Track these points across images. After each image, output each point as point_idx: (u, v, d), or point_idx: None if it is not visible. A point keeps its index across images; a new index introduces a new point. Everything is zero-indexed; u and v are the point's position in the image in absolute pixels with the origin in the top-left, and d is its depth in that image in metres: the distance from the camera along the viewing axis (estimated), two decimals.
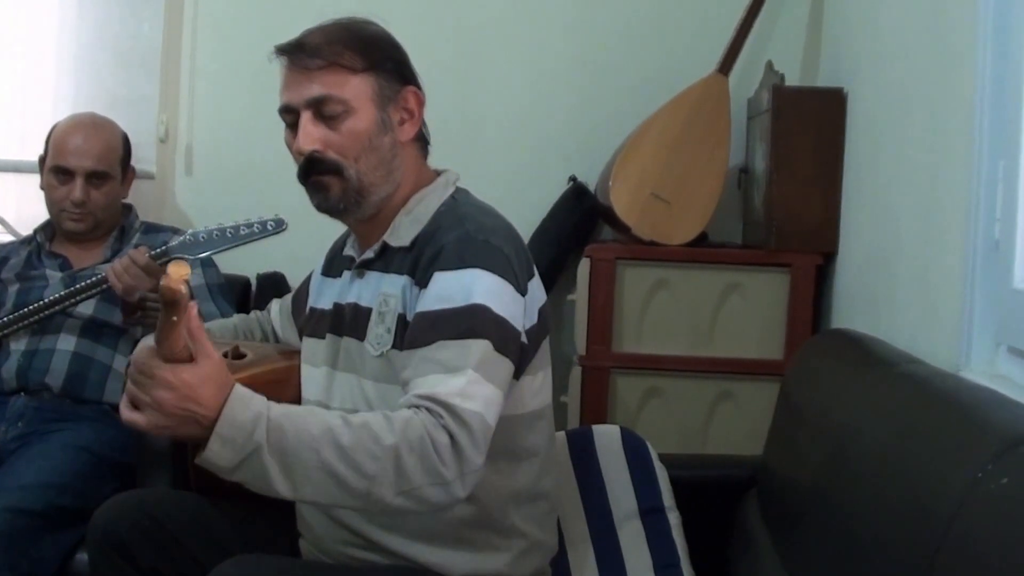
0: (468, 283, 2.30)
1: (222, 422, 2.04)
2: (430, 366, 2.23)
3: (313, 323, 2.69)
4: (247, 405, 2.07)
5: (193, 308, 2.01)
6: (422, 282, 2.36)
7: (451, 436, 2.13)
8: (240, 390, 2.10)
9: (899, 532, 1.83)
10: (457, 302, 2.29)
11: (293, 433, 2.07)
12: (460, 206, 2.52)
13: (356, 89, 2.43)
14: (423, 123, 2.58)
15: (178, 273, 1.91)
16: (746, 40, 4.03)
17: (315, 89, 2.41)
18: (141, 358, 2.03)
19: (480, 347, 2.25)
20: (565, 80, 4.37)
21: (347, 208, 2.48)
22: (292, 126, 2.47)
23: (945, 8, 2.80)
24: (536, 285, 2.50)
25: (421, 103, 2.54)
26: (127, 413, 2.07)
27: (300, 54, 2.44)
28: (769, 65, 3.98)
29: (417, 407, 2.16)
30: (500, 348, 2.29)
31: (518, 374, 2.41)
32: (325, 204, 2.48)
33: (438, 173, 2.62)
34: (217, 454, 2.05)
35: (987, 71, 2.45)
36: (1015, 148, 2.33)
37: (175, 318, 1.95)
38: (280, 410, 2.11)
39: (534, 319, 2.46)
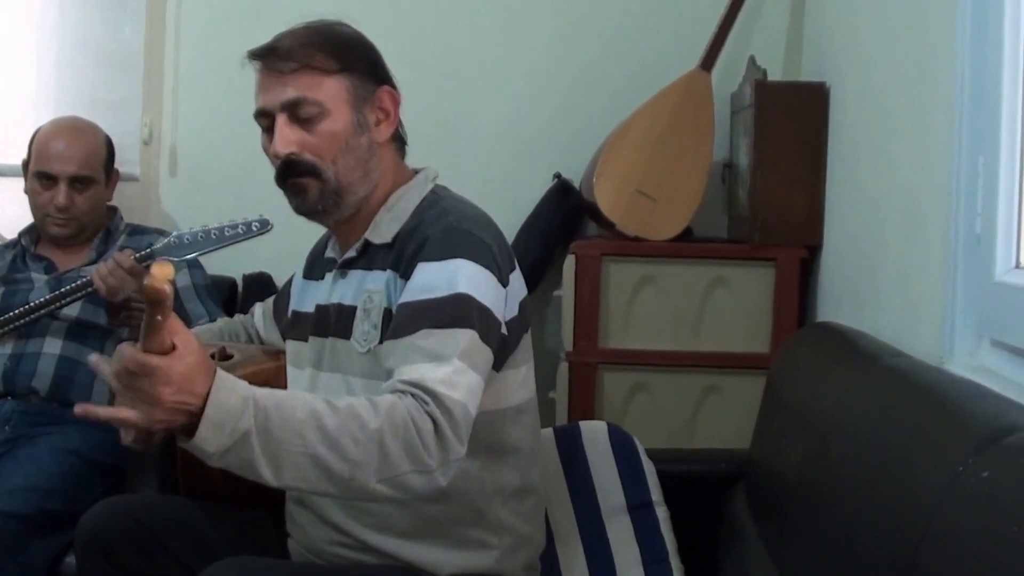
0: (452, 272, 2.31)
1: (211, 406, 1.97)
2: (415, 354, 2.23)
3: (296, 326, 2.70)
4: (233, 389, 2.02)
5: None
6: (406, 274, 2.37)
7: (435, 423, 2.13)
8: (224, 375, 2.03)
9: (882, 524, 1.84)
10: (442, 291, 2.29)
11: (278, 417, 2.03)
12: (441, 200, 2.53)
13: (330, 91, 2.44)
14: (399, 123, 2.58)
15: (162, 273, 1.90)
16: (728, 35, 4.04)
17: (289, 92, 2.42)
18: (132, 359, 1.95)
19: (466, 337, 2.26)
20: (549, 77, 4.38)
21: (325, 209, 2.49)
22: (268, 130, 2.48)
23: (925, 3, 2.81)
24: (517, 278, 2.51)
25: (396, 103, 2.55)
26: (115, 412, 1.96)
27: (273, 58, 2.45)
28: (752, 60, 3.99)
29: (402, 392, 2.16)
30: (484, 338, 2.30)
31: (499, 367, 2.42)
32: (304, 206, 2.49)
33: (416, 171, 2.63)
34: (206, 440, 1.98)
35: (966, 66, 2.46)
36: (995, 143, 2.34)
37: (159, 317, 1.94)
38: (265, 393, 2.06)
39: (515, 312, 2.47)
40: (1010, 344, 2.30)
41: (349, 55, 2.49)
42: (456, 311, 2.28)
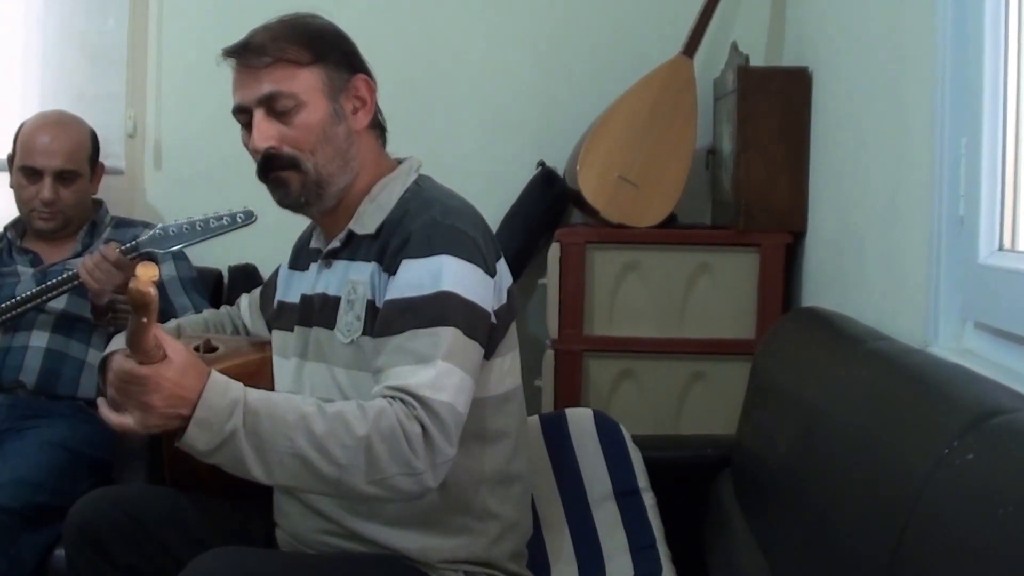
0: (436, 270, 2.33)
1: (201, 406, 2.10)
2: (401, 356, 2.27)
3: (282, 317, 2.70)
4: (225, 391, 2.14)
5: None
6: (390, 269, 2.38)
7: (423, 427, 2.17)
8: (217, 376, 2.15)
9: (868, 508, 1.84)
10: (426, 289, 2.31)
11: (268, 419, 2.13)
12: (424, 191, 2.53)
13: (305, 82, 2.46)
14: (378, 110, 2.59)
15: (146, 275, 1.93)
16: (710, 21, 4.04)
17: (264, 87, 2.44)
18: (122, 369, 2.09)
19: (449, 335, 2.28)
20: (532, 65, 4.37)
21: (308, 201, 2.50)
22: (247, 125, 2.49)
23: None
24: (502, 266, 2.52)
25: (372, 90, 2.56)
26: (117, 418, 2.14)
27: (246, 54, 2.46)
28: (734, 46, 3.98)
29: (391, 398, 2.20)
30: (469, 333, 2.32)
31: (488, 355, 2.43)
32: (287, 199, 2.51)
33: (399, 161, 2.64)
34: (195, 437, 2.11)
35: (947, 47, 2.46)
36: (976, 124, 2.34)
37: (145, 319, 1.98)
38: (257, 396, 2.17)
39: (503, 299, 2.48)
40: (994, 326, 2.30)
41: (322, 46, 2.50)
42: (440, 309, 2.30)
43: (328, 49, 2.51)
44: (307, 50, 2.47)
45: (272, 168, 2.47)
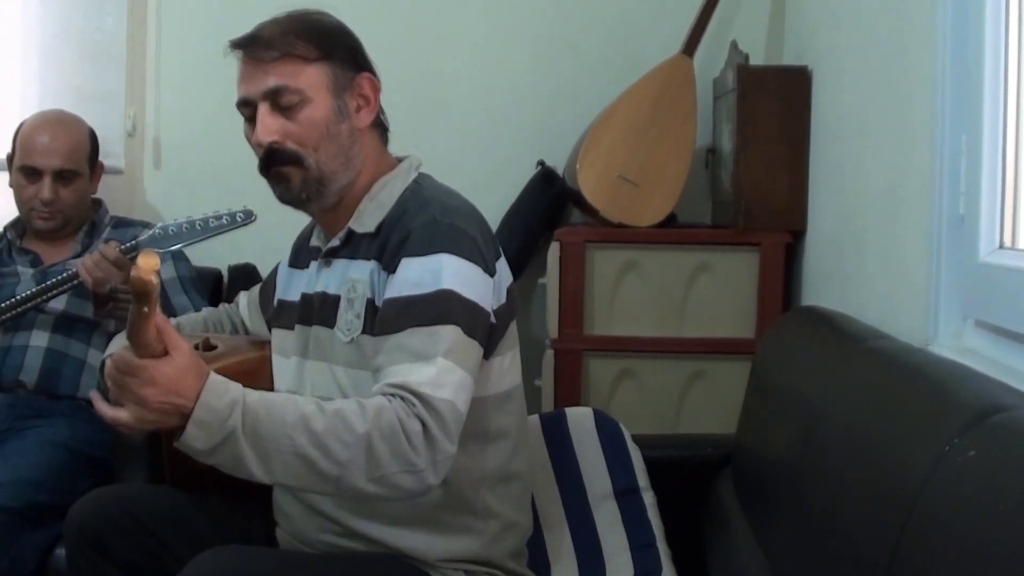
0: (436, 268, 2.33)
1: (199, 407, 2.10)
2: (401, 354, 2.26)
3: (282, 315, 2.70)
4: (224, 392, 2.14)
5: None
6: (390, 267, 2.38)
7: (423, 424, 2.17)
8: (216, 377, 2.15)
9: (868, 506, 1.84)
10: (426, 288, 2.31)
11: (268, 419, 2.13)
12: (424, 190, 2.53)
13: (311, 78, 2.45)
14: (381, 109, 2.59)
15: (148, 264, 1.93)
16: (710, 20, 4.03)
17: (271, 81, 2.43)
18: (120, 359, 2.10)
19: (449, 333, 2.28)
20: (531, 64, 4.37)
21: (309, 198, 2.50)
22: (250, 119, 2.49)
23: None
24: (502, 265, 2.52)
25: (377, 89, 2.56)
26: (111, 411, 2.13)
27: (254, 47, 2.46)
28: (734, 45, 3.98)
29: (391, 396, 2.20)
30: (469, 332, 2.32)
31: (488, 355, 2.43)
32: (287, 195, 2.50)
33: (399, 160, 2.63)
34: (194, 437, 2.11)
35: (947, 44, 2.46)
36: (977, 122, 2.34)
37: (146, 309, 1.98)
38: (256, 396, 2.17)
39: (503, 299, 2.48)
40: (995, 324, 2.30)
41: (329, 43, 2.50)
42: (440, 308, 2.30)
43: (335, 46, 2.51)
44: (315, 46, 2.47)
45: (274, 163, 2.47)
